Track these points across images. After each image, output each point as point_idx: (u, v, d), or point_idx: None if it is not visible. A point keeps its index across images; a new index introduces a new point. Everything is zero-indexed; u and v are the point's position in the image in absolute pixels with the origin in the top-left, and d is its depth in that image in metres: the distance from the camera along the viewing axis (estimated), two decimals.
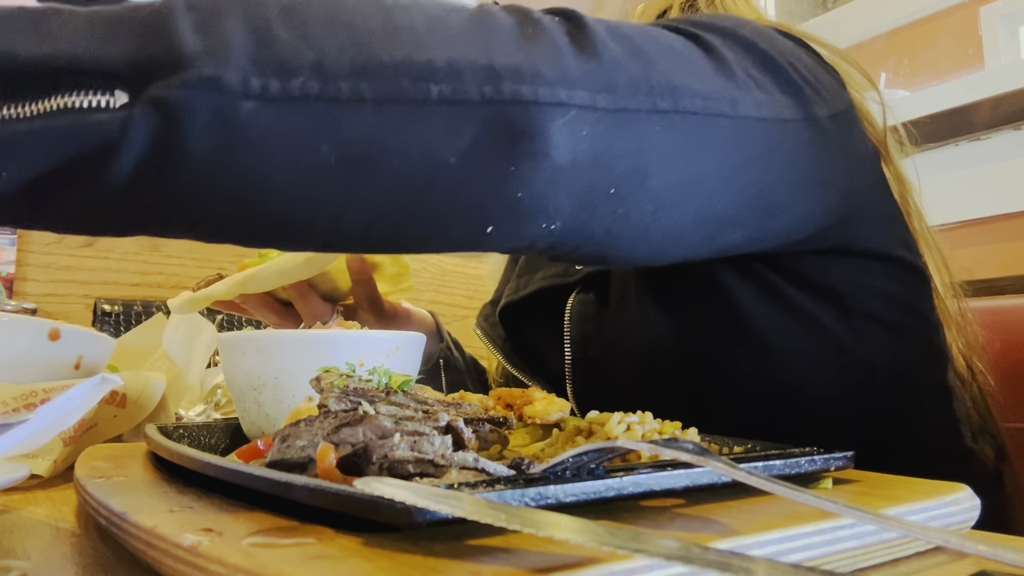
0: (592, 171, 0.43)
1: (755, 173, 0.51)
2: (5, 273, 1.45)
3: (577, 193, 0.43)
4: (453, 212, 0.41)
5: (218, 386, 0.87)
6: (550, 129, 0.40)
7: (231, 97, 0.35)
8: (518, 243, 0.44)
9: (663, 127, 0.45)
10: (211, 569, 0.26)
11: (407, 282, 0.83)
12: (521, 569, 0.24)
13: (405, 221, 0.41)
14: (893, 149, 0.68)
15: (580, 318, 0.71)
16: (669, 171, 0.46)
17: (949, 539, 0.28)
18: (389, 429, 0.34)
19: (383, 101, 0.37)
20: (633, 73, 0.44)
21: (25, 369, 0.59)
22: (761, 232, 0.55)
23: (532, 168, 0.40)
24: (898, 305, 0.64)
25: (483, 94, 0.39)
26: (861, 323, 0.62)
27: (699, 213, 0.49)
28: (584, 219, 0.44)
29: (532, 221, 0.43)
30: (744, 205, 0.51)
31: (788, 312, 0.61)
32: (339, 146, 0.37)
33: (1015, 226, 1.33)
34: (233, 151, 0.36)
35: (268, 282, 0.72)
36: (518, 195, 0.41)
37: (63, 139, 0.34)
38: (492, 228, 0.42)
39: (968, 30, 1.72)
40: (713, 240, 0.53)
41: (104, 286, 1.56)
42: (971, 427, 0.68)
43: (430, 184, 0.39)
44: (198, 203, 0.38)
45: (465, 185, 0.40)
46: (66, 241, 1.54)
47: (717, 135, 0.48)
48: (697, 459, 0.32)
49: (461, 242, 0.44)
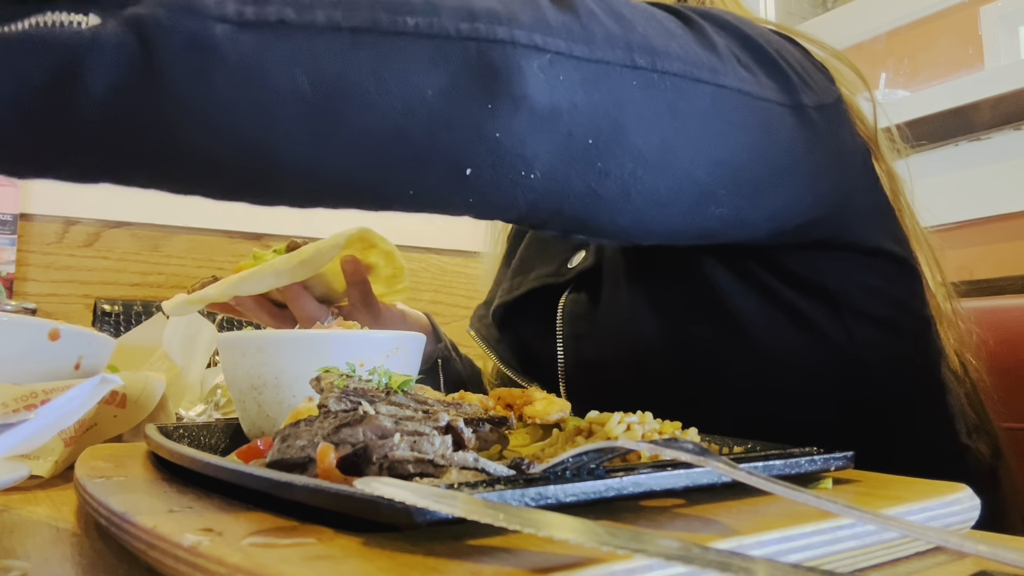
0: (570, 119, 0.43)
1: (735, 147, 0.51)
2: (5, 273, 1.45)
3: (555, 141, 0.43)
4: (432, 152, 0.41)
5: (218, 386, 0.87)
6: (526, 71, 0.40)
7: (206, 20, 0.35)
8: (498, 194, 0.44)
9: (640, 84, 0.45)
10: (211, 569, 0.26)
11: (402, 283, 0.83)
12: (521, 569, 0.24)
13: (383, 163, 0.40)
14: (885, 147, 0.68)
15: (572, 318, 0.71)
16: (648, 129, 0.46)
17: (949, 539, 0.28)
18: (389, 429, 0.34)
19: (359, 31, 0.37)
20: (611, 30, 0.45)
21: (25, 369, 0.59)
22: (743, 214, 0.55)
23: (510, 109, 0.41)
24: (888, 301, 0.64)
25: (459, 30, 0.39)
26: (852, 319, 0.62)
27: (679, 179, 0.49)
28: (564, 172, 0.44)
29: (511, 167, 0.42)
30: (724, 179, 0.51)
31: (779, 310, 0.61)
32: (315, 75, 0.37)
33: (1014, 226, 1.33)
34: (208, 75, 0.35)
35: (263, 284, 0.72)
36: (496, 135, 0.41)
37: (33, 57, 0.33)
38: (471, 171, 0.42)
39: (968, 30, 1.72)
40: (695, 214, 0.52)
41: (104, 286, 1.56)
42: (966, 424, 0.68)
43: (407, 120, 0.39)
44: (172, 134, 0.37)
45: (443, 122, 0.40)
46: (66, 241, 1.54)
47: (697, 100, 0.48)
48: (697, 459, 0.32)
49: (440, 189, 0.43)
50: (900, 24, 1.82)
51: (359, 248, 0.77)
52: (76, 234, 1.55)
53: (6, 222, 1.46)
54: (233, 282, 0.72)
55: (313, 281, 0.76)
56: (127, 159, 0.38)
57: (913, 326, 0.66)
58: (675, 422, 0.47)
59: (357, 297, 0.78)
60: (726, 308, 0.61)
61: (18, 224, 1.47)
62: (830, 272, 0.62)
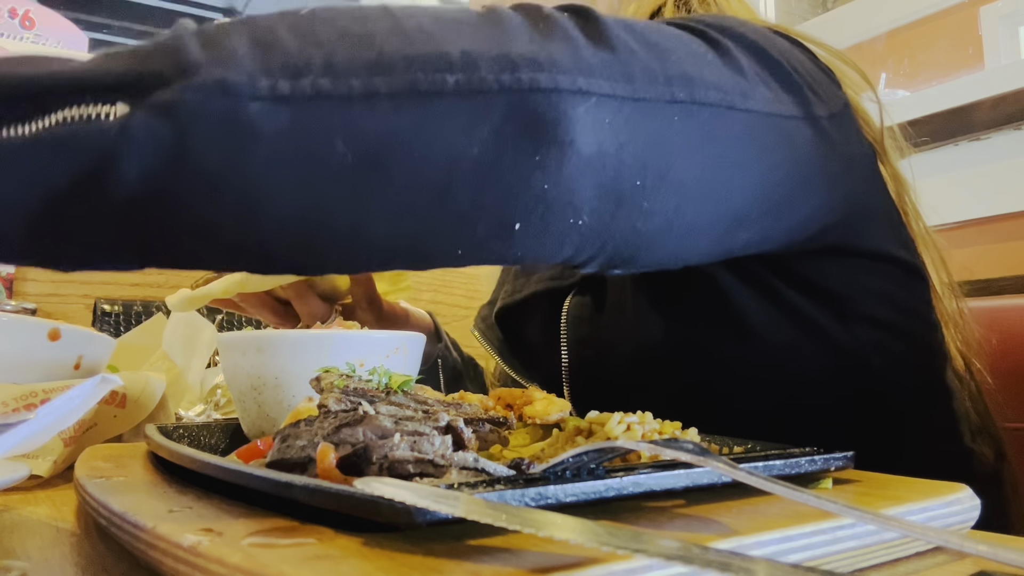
0: (617, 161, 0.42)
1: (767, 170, 0.51)
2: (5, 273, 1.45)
3: (604, 184, 0.42)
4: (478, 208, 0.39)
5: (218, 386, 0.87)
6: (572, 116, 0.39)
7: (238, 98, 0.34)
8: (546, 244, 0.43)
9: (681, 117, 0.44)
10: (211, 569, 0.26)
11: (405, 282, 0.83)
12: (521, 569, 0.24)
13: (428, 222, 0.39)
14: (890, 149, 0.68)
15: (576, 321, 0.71)
16: (690, 163, 0.45)
17: (949, 539, 0.28)
18: (389, 429, 0.34)
19: (398, 95, 0.36)
20: (649, 64, 0.44)
21: (25, 369, 0.59)
22: (768, 232, 0.55)
23: (558, 157, 0.39)
24: (896, 306, 0.64)
25: (501, 82, 0.38)
26: (859, 325, 0.62)
27: (718, 207, 0.49)
28: (611, 213, 0.43)
29: (560, 215, 0.41)
30: (757, 201, 0.51)
31: (786, 314, 0.61)
32: (355, 143, 0.36)
33: (1015, 226, 1.33)
34: (244, 153, 0.35)
35: (266, 281, 0.72)
36: (544, 187, 0.40)
37: (63, 155, 0.33)
38: (520, 225, 0.41)
39: (968, 30, 1.73)
40: (724, 240, 0.52)
41: (104, 286, 1.56)
42: (970, 427, 0.68)
43: (452, 178, 0.38)
44: (208, 215, 0.36)
45: (489, 177, 0.39)
46: None
47: (732, 128, 0.48)
48: (697, 459, 0.32)
49: (488, 243, 0.42)
50: (900, 24, 1.82)
51: None
52: None
53: None
54: (237, 280, 0.72)
55: (317, 279, 0.76)
56: (164, 246, 0.37)
57: (919, 330, 0.66)
58: (675, 422, 0.47)
59: (361, 295, 0.78)
60: (732, 313, 0.61)
61: None
62: (838, 277, 0.62)
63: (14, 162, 0.33)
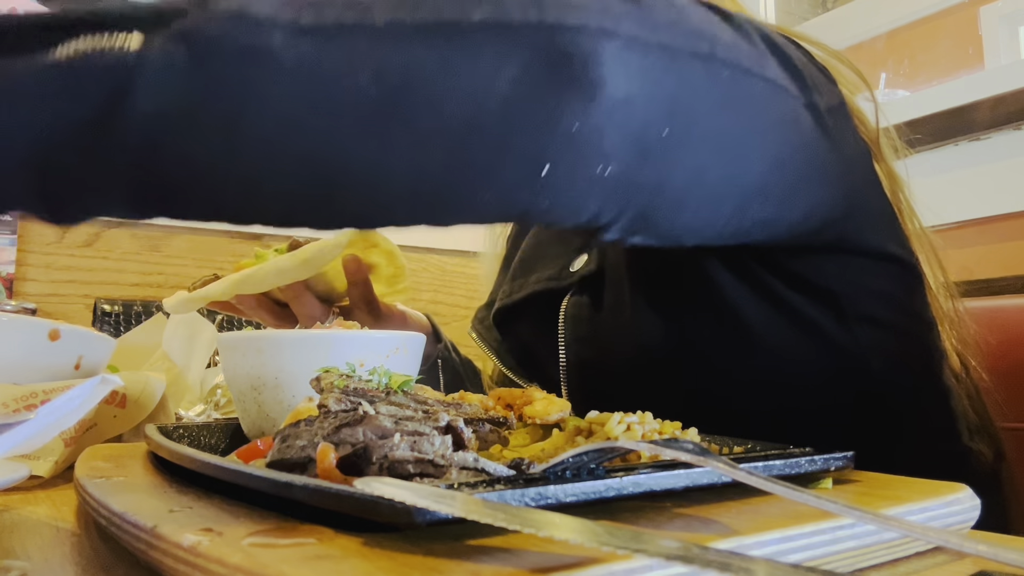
0: (645, 108, 0.41)
1: (783, 143, 0.50)
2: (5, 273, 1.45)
3: (632, 131, 0.41)
4: (507, 148, 0.38)
5: (218, 386, 0.87)
6: (602, 55, 0.39)
7: (259, 27, 0.33)
8: (573, 195, 0.42)
9: (706, 72, 0.44)
10: (211, 569, 0.26)
11: (402, 283, 0.83)
12: (521, 569, 0.24)
13: (454, 163, 0.38)
14: (885, 148, 0.68)
15: (574, 321, 0.71)
16: (715, 120, 0.45)
17: (949, 539, 0.28)
18: (389, 429, 0.34)
19: (423, 29, 0.36)
20: (672, 16, 0.44)
21: (25, 369, 0.59)
22: (778, 214, 0.54)
23: (587, 96, 0.39)
24: (893, 304, 0.64)
25: (528, 19, 0.38)
26: (857, 324, 0.62)
27: (738, 174, 0.48)
28: (638, 164, 0.43)
29: (589, 161, 0.40)
30: (773, 175, 0.51)
31: (783, 314, 0.61)
32: (379, 75, 0.35)
33: (1015, 226, 1.33)
34: (264, 83, 0.34)
35: (264, 283, 0.72)
36: (574, 127, 0.39)
37: (80, 86, 0.32)
38: (548, 168, 0.39)
39: (968, 30, 1.73)
40: (739, 215, 0.51)
41: (104, 286, 1.56)
42: (968, 426, 0.68)
43: (479, 115, 0.37)
44: (228, 152, 0.35)
45: (518, 115, 0.38)
46: (66, 241, 1.54)
47: (751, 91, 0.47)
48: (697, 459, 0.32)
49: (516, 190, 0.40)
50: (900, 24, 1.82)
51: (361, 247, 0.77)
52: (76, 234, 1.55)
53: (6, 222, 1.46)
54: (235, 281, 0.72)
55: (315, 280, 0.76)
56: (182, 185, 0.36)
57: (916, 329, 0.66)
58: (675, 422, 0.47)
59: (358, 296, 0.78)
60: (730, 313, 0.61)
61: (18, 224, 1.47)
62: (835, 276, 0.62)
63: (34, 88, 0.32)
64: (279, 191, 0.37)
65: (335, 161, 0.36)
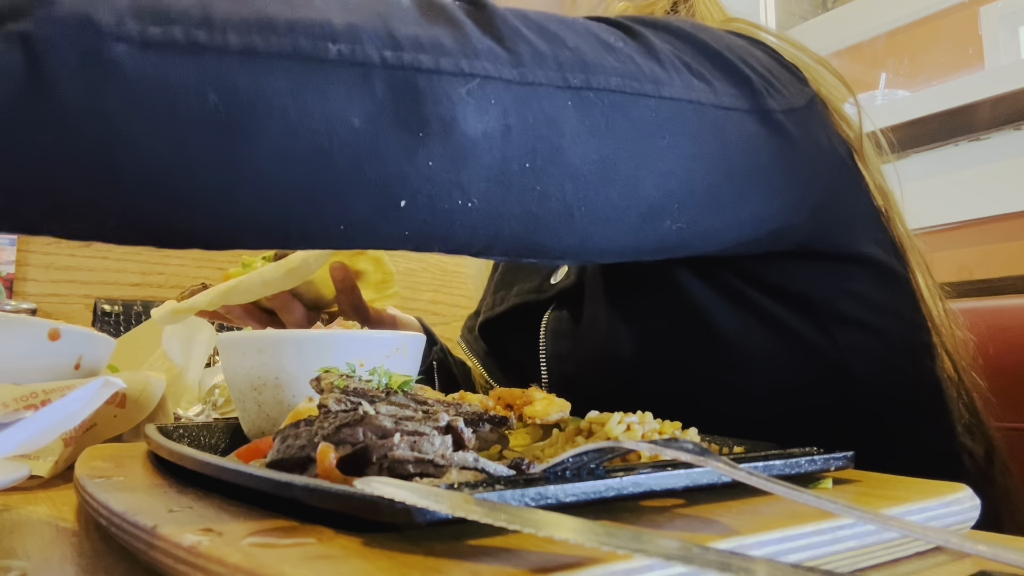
0: (503, 143, 0.42)
1: (685, 159, 0.50)
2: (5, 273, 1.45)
3: (491, 166, 0.42)
4: (362, 181, 0.39)
5: (216, 386, 0.87)
6: (453, 97, 0.39)
7: (102, 36, 0.32)
8: (436, 225, 0.42)
9: (575, 103, 0.44)
10: (211, 569, 0.26)
11: (391, 288, 0.83)
12: (521, 569, 0.24)
13: (307, 192, 0.38)
14: (869, 151, 0.68)
15: (555, 336, 0.71)
16: (585, 148, 0.45)
17: (949, 539, 0.28)
18: (389, 429, 0.34)
19: (278, 56, 0.36)
20: (540, 50, 0.44)
21: (25, 369, 0.59)
22: (705, 225, 0.53)
23: (441, 135, 0.39)
24: (873, 306, 0.63)
25: (384, 59, 0.38)
26: (834, 326, 0.61)
27: (624, 195, 0.48)
28: (501, 196, 0.43)
29: (447, 196, 0.41)
30: (675, 191, 0.50)
31: (758, 319, 0.61)
32: (228, 95, 0.35)
33: (1015, 226, 1.33)
34: (104, 91, 0.33)
35: (250, 292, 0.72)
36: (428, 163, 0.40)
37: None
38: (406, 202, 0.40)
39: (968, 30, 1.73)
40: (647, 229, 0.50)
41: (104, 286, 1.56)
42: (960, 425, 0.68)
43: (332, 147, 0.37)
44: (59, 156, 0.33)
45: (371, 151, 0.38)
46: (66, 241, 1.54)
47: (638, 114, 0.47)
48: (697, 459, 0.32)
49: (373, 219, 0.41)
50: (900, 24, 1.82)
51: (347, 255, 0.77)
52: None
53: None
54: (222, 292, 0.72)
55: (302, 288, 0.76)
56: (19, 193, 0.35)
57: (901, 331, 0.65)
58: (675, 422, 0.47)
59: (347, 303, 0.78)
60: (704, 321, 0.61)
61: None
62: (809, 280, 0.61)
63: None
64: (123, 205, 0.36)
65: (182, 178, 0.36)
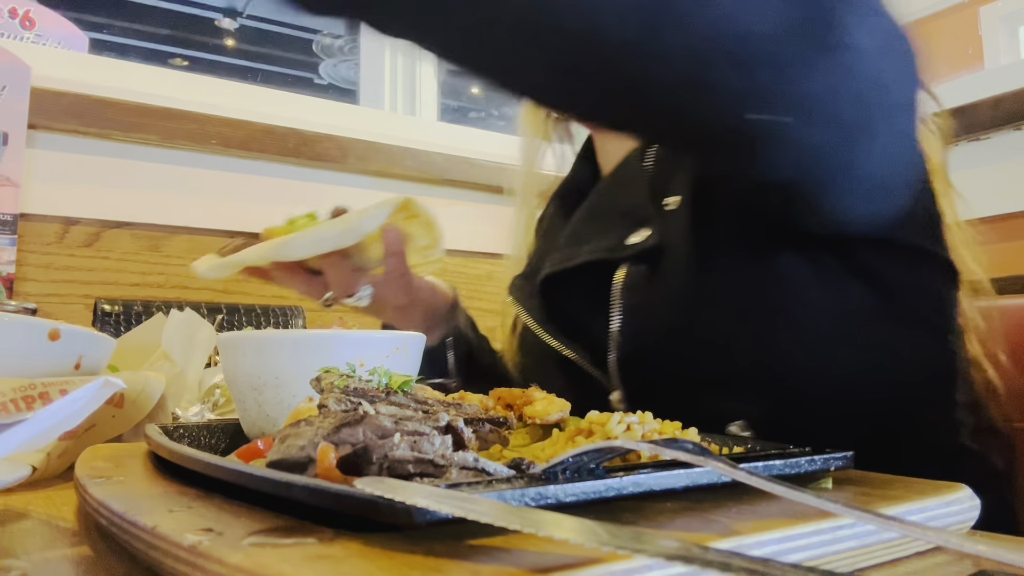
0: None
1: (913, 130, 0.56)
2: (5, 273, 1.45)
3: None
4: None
5: (216, 386, 0.87)
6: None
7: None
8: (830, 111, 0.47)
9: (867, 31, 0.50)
10: (211, 569, 0.26)
11: (435, 255, 0.82)
12: (521, 569, 0.24)
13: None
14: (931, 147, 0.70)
15: (630, 289, 0.70)
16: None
17: (949, 539, 0.28)
18: (389, 429, 0.34)
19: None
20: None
21: (25, 369, 0.59)
22: (902, 196, 0.59)
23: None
24: (934, 303, 0.65)
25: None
26: (903, 318, 0.63)
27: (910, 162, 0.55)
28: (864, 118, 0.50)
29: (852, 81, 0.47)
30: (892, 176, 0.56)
31: (836, 302, 0.62)
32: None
33: (1015, 226, 1.33)
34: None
35: (302, 250, 0.71)
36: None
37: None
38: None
39: (968, 30, 1.73)
40: (888, 201, 0.57)
41: (104, 286, 1.56)
42: (980, 425, 0.68)
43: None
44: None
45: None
46: (66, 241, 1.54)
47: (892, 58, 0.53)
48: (697, 459, 0.32)
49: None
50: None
51: (401, 217, 0.76)
52: (76, 234, 1.55)
53: (6, 222, 1.46)
54: (273, 246, 0.70)
55: (352, 249, 0.74)
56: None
57: (948, 328, 0.66)
58: (675, 422, 0.47)
59: (394, 267, 0.77)
60: (786, 295, 0.62)
61: (18, 224, 1.47)
62: (894, 270, 0.63)
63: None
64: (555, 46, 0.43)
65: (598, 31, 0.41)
